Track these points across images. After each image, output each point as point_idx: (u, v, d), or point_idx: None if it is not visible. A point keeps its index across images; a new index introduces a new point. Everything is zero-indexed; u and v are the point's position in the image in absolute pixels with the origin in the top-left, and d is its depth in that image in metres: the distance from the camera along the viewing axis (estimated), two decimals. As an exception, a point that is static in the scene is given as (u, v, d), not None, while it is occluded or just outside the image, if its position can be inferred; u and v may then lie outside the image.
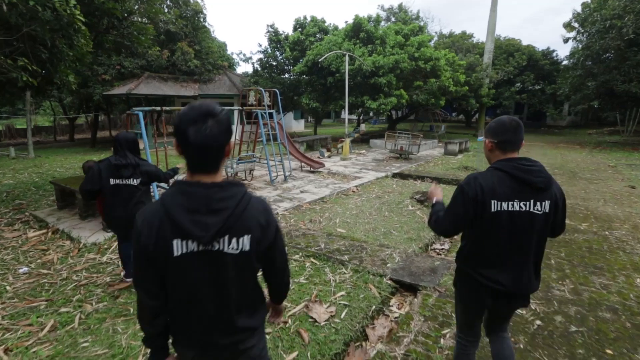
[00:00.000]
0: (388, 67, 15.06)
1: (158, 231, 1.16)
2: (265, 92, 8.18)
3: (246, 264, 1.24)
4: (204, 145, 1.12)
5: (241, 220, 1.19)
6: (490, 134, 1.79)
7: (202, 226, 1.13)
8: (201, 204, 1.14)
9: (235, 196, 1.19)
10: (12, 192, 8.02)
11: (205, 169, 1.18)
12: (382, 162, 12.10)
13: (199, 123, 1.11)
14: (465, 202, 1.73)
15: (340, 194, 7.62)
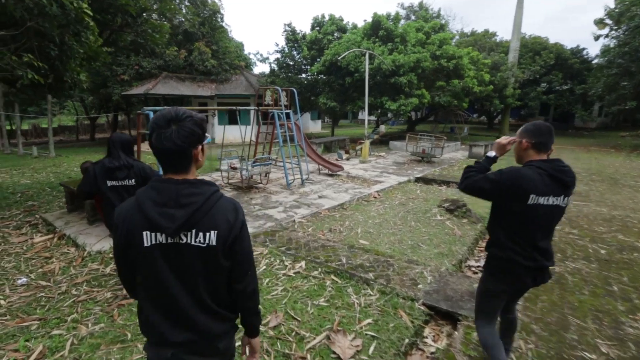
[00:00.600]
0: (409, 66, 14.48)
1: (130, 223, 1.23)
2: (282, 92, 7.80)
3: (213, 259, 1.27)
4: (164, 149, 1.20)
5: (208, 216, 1.24)
6: (527, 135, 2.01)
7: (168, 218, 1.19)
8: (170, 198, 1.21)
9: (204, 193, 1.24)
10: (27, 192, 7.91)
11: (174, 169, 1.26)
12: (403, 165, 11.54)
13: (162, 129, 1.19)
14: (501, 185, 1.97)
15: (360, 200, 7.15)
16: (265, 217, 5.89)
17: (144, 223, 1.22)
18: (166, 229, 1.20)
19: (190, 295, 1.28)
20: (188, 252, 1.25)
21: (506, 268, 2.05)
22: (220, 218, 1.26)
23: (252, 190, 7.60)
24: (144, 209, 1.22)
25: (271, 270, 3.95)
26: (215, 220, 1.24)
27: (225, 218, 1.27)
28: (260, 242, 4.75)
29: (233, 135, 19.59)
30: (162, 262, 1.25)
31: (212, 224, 1.24)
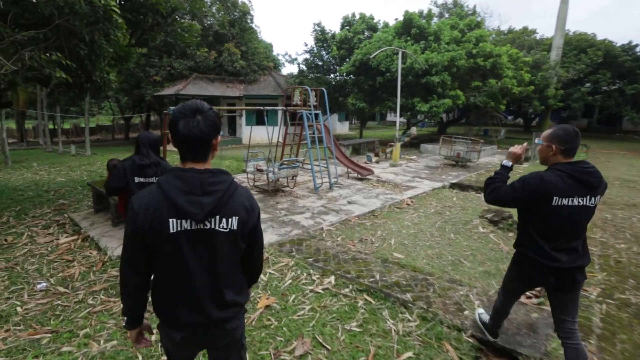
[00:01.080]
0: (442, 65, 13.78)
1: (155, 212, 1.27)
2: (312, 91, 7.48)
3: (234, 242, 1.38)
4: (191, 136, 1.28)
5: (230, 203, 1.34)
6: (558, 141, 2.03)
7: (197, 205, 1.28)
8: (196, 186, 1.29)
9: (225, 182, 1.34)
10: (60, 190, 8.06)
11: (195, 158, 1.33)
12: (437, 169, 10.91)
13: (188, 117, 1.28)
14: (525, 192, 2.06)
15: (392, 207, 6.69)
16: (291, 223, 5.57)
17: (171, 210, 1.27)
18: (195, 215, 1.27)
19: (209, 279, 1.37)
20: (213, 237, 1.33)
21: (530, 266, 2.18)
22: (240, 205, 1.36)
23: (278, 193, 7.33)
24: (171, 197, 1.27)
25: (297, 285, 3.62)
26: (236, 206, 1.35)
27: (244, 205, 1.37)
28: (286, 252, 4.43)
29: (260, 136, 19.56)
30: (187, 248, 1.32)
31: (234, 210, 1.34)
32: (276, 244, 4.69)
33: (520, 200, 2.12)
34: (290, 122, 7.43)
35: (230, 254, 1.39)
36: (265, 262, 4.13)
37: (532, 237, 2.13)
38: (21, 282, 3.68)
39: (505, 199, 2.17)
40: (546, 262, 2.07)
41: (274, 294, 3.45)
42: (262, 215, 5.90)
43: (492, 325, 2.65)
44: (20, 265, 4.08)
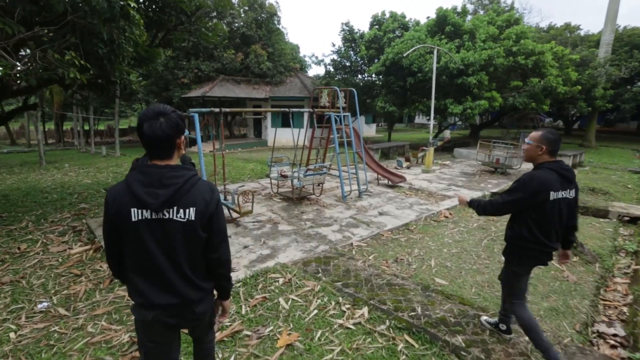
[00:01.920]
0: (479, 65, 12.85)
1: (120, 202, 1.44)
2: (340, 92, 6.94)
3: (192, 232, 1.50)
4: (154, 136, 1.44)
5: (188, 195, 1.48)
6: (547, 142, 2.35)
7: (153, 196, 1.42)
8: (155, 180, 1.44)
9: (184, 176, 1.48)
10: (84, 193, 7.97)
11: (159, 156, 1.49)
12: (474, 176, 10.06)
13: (152, 120, 1.43)
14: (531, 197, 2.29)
15: (429, 220, 6.03)
16: (317, 237, 5.05)
17: (132, 201, 1.44)
18: (151, 205, 1.42)
19: (171, 264, 1.51)
20: (170, 226, 1.47)
21: (531, 255, 2.42)
22: (198, 197, 1.50)
23: (304, 201, 6.84)
24: (132, 189, 1.43)
25: (324, 318, 3.08)
26: (194, 198, 1.49)
27: (202, 197, 1.51)
28: (312, 273, 3.90)
29: (285, 138, 19.26)
30: (147, 235, 1.47)
31: (191, 202, 1.48)
32: (300, 263, 4.18)
33: (524, 201, 2.31)
34: (317, 125, 6.92)
35: (190, 242, 1.51)
36: (288, 284, 3.64)
37: (531, 230, 2.35)
38: (23, 299, 3.37)
39: (506, 206, 2.40)
40: (544, 248, 2.37)
41: (297, 327, 2.94)
42: (286, 226, 5.43)
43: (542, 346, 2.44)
44: (26, 278, 3.79)
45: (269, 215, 5.99)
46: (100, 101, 24.62)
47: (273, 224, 5.55)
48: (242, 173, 10.46)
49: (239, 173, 10.52)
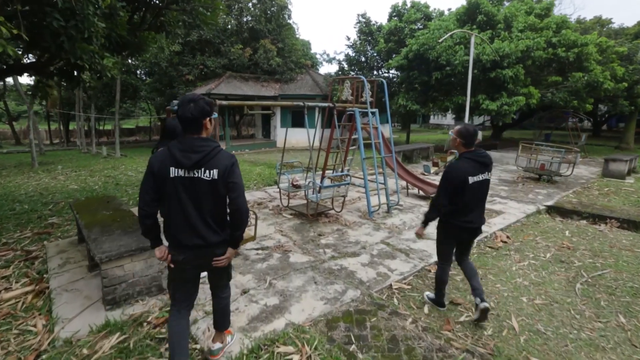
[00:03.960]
0: (515, 57, 11.39)
1: (162, 162, 1.93)
2: (367, 83, 5.60)
3: (215, 188, 1.95)
4: (185, 117, 1.92)
5: (213, 160, 1.94)
6: (461, 136, 2.76)
7: (187, 158, 1.91)
8: (189, 147, 1.93)
9: (210, 146, 1.95)
10: (61, 203, 6.81)
11: (191, 131, 1.96)
12: (516, 185, 8.61)
13: (185, 105, 1.92)
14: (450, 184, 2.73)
15: (483, 246, 4.66)
16: (342, 274, 3.73)
17: (172, 161, 1.92)
18: (185, 165, 1.90)
19: (198, 213, 1.97)
20: (199, 183, 1.94)
21: (453, 229, 2.90)
22: (221, 162, 1.95)
23: (321, 219, 5.52)
24: (172, 153, 1.92)
25: None
26: (217, 162, 1.94)
27: (224, 162, 1.96)
28: (340, 342, 2.59)
29: (296, 139, 17.99)
30: (181, 189, 1.94)
31: (215, 165, 1.94)
32: (323, 322, 2.87)
33: (453, 189, 2.73)
34: (337, 124, 5.59)
35: (212, 196, 1.96)
36: (306, 369, 2.32)
37: (455, 209, 2.80)
38: None
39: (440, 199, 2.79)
40: (465, 225, 2.83)
41: None
42: (299, 257, 4.14)
43: (439, 296, 3.17)
44: None
45: (278, 239, 4.69)
46: (104, 100, 23.73)
47: (283, 253, 4.24)
48: (247, 179, 9.21)
49: (245, 179, 9.27)
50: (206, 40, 18.03)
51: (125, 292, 3.01)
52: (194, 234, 1.96)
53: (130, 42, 6.25)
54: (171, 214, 1.98)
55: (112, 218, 3.74)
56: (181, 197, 1.93)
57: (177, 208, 1.95)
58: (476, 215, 2.83)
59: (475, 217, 2.82)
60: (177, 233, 1.99)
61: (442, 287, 3.11)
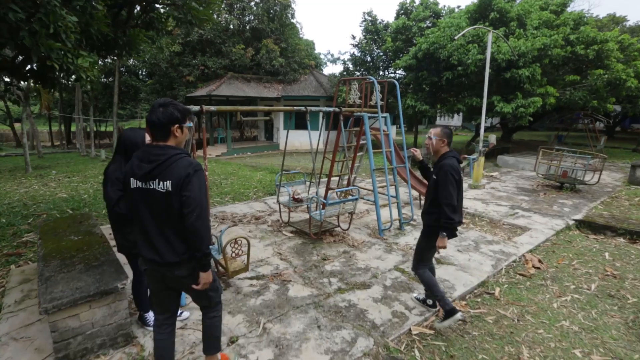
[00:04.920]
0: (532, 55, 10.70)
1: (126, 171, 1.87)
2: (377, 84, 4.98)
3: (169, 201, 1.77)
4: (151, 122, 1.80)
5: (167, 170, 1.76)
6: (447, 136, 2.88)
7: (140, 168, 1.80)
8: (145, 156, 1.81)
9: (167, 154, 1.78)
10: (43, 215, 6.28)
11: (156, 138, 1.83)
12: (537, 194, 7.94)
13: (154, 109, 1.81)
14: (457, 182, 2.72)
15: (513, 273, 4.02)
16: (351, 315, 3.11)
17: (131, 171, 1.83)
18: (137, 175, 1.80)
19: (156, 227, 1.83)
20: (153, 195, 1.79)
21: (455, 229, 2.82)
22: (176, 172, 1.75)
23: (325, 238, 4.90)
24: (132, 162, 1.85)
25: None
26: (172, 173, 1.76)
27: (179, 172, 1.75)
28: None
29: (299, 142, 17.38)
30: (138, 200, 1.84)
31: (169, 176, 1.76)
32: (327, 390, 2.25)
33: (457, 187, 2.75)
34: (344, 129, 4.98)
35: (169, 210, 1.79)
36: None
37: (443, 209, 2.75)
38: None
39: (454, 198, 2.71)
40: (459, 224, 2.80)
41: None
42: (300, 289, 3.54)
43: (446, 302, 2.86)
44: None
45: (276, 265, 4.09)
46: (105, 101, 23.32)
47: (281, 283, 3.64)
48: (247, 186, 8.63)
49: (244, 185, 8.70)
50: (207, 40, 17.52)
51: (82, 346, 2.43)
52: (151, 249, 1.85)
53: (117, 40, 5.71)
54: (135, 225, 1.93)
55: (78, 246, 3.16)
56: (140, 209, 1.84)
57: (138, 219, 1.88)
58: (461, 214, 2.88)
59: (461, 215, 2.88)
60: (139, 245, 1.91)
61: (439, 288, 2.96)
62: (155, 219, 1.81)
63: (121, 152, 2.48)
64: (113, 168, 2.46)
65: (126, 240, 2.57)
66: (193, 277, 1.89)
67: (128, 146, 2.45)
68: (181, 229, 1.80)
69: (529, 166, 11.17)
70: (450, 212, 2.68)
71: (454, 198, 2.68)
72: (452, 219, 2.68)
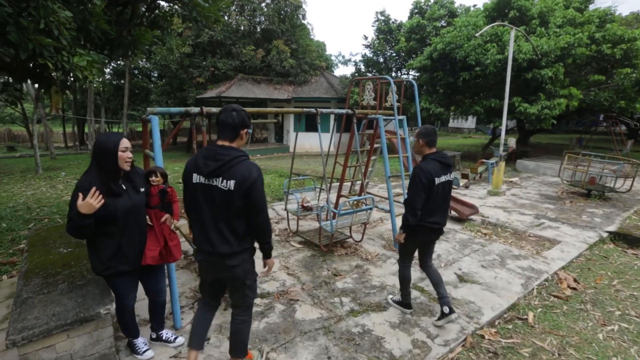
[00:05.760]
0: (555, 55, 10.15)
1: (188, 168, 2.02)
2: (394, 85, 4.61)
3: (231, 199, 1.92)
4: (226, 123, 1.97)
5: (231, 170, 1.91)
6: (422, 136, 2.84)
7: (206, 165, 1.94)
8: (210, 154, 1.95)
9: (231, 155, 1.93)
10: (45, 219, 6.08)
11: (224, 138, 1.99)
12: (562, 202, 7.42)
13: (228, 112, 1.98)
14: (423, 185, 2.70)
15: (546, 294, 3.59)
16: (366, 344, 2.75)
17: (194, 168, 1.99)
18: (203, 172, 1.94)
19: (213, 221, 1.98)
20: (215, 192, 1.94)
21: (421, 230, 2.86)
22: (239, 173, 1.90)
23: (336, 250, 4.55)
24: (197, 159, 1.99)
25: None
26: (235, 173, 1.90)
27: (242, 174, 1.90)
28: None
29: (309, 144, 17.08)
30: (200, 195, 1.98)
31: (233, 176, 1.90)
32: None
33: (425, 192, 2.73)
34: (357, 133, 4.61)
35: (229, 207, 1.93)
36: None
37: (423, 212, 2.77)
38: None
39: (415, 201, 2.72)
40: (432, 226, 2.85)
41: None
42: (308, 310, 3.19)
43: (405, 296, 3.17)
44: None
45: (282, 280, 3.75)
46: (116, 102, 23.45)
47: (288, 303, 3.30)
48: (254, 191, 8.32)
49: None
50: (217, 41, 17.37)
51: (59, 381, 2.12)
52: (206, 240, 2.01)
53: (120, 39, 5.49)
54: (192, 217, 2.08)
55: (65, 260, 2.88)
56: (200, 203, 1.99)
57: (196, 213, 2.03)
58: (440, 215, 2.90)
59: (440, 217, 2.89)
60: (196, 237, 2.07)
61: (408, 285, 3.13)
62: (212, 214, 1.97)
63: (95, 158, 2.16)
64: (84, 178, 2.12)
65: (97, 258, 2.20)
66: (242, 267, 2.07)
67: (97, 152, 2.14)
68: (235, 224, 1.98)
69: (550, 171, 10.61)
70: (407, 212, 2.77)
71: (415, 200, 2.72)
72: (406, 218, 2.78)
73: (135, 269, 2.32)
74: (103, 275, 2.28)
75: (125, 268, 2.25)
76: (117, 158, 2.14)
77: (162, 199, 2.76)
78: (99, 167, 2.12)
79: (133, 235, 2.27)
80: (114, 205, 2.12)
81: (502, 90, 11.03)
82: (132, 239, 2.26)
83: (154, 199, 2.69)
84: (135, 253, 2.30)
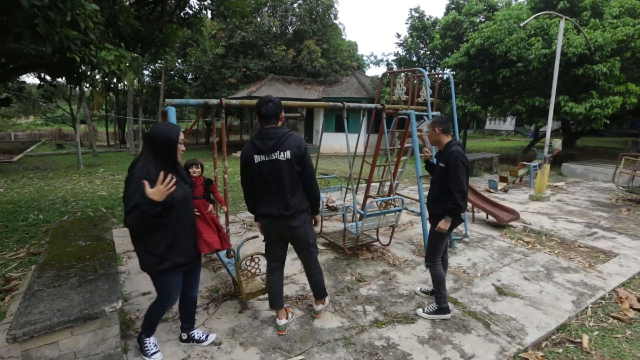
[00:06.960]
0: (611, 48, 9.23)
1: (247, 153, 2.44)
2: (427, 79, 4.27)
3: (290, 166, 2.39)
4: (266, 113, 2.40)
5: (284, 143, 2.38)
6: (438, 125, 2.85)
7: (265, 144, 2.38)
8: (265, 136, 2.39)
9: (280, 132, 2.40)
10: (78, 213, 6.28)
11: (269, 123, 2.43)
12: (618, 210, 6.66)
13: (265, 104, 2.40)
14: (466, 168, 2.74)
15: (602, 314, 3.12)
16: (390, 359, 2.46)
17: (254, 150, 2.41)
18: (264, 151, 2.37)
19: (278, 189, 2.43)
20: (277, 163, 2.38)
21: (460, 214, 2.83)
22: (292, 145, 2.39)
23: (361, 253, 4.27)
24: (254, 142, 2.42)
25: None
26: (288, 145, 2.38)
27: (294, 144, 2.40)
28: None
29: (339, 145, 16.85)
30: (264, 171, 2.41)
31: (287, 147, 2.38)
32: None
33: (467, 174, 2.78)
34: (386, 130, 4.32)
35: (289, 174, 2.41)
36: None
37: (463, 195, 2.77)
38: None
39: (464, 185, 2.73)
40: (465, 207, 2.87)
41: None
42: (329, 318, 2.91)
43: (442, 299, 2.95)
44: None
45: (302, 284, 3.54)
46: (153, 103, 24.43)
47: (306, 309, 3.07)
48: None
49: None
50: (249, 42, 17.59)
51: (62, 380, 2.03)
52: (272, 206, 2.46)
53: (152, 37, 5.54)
54: (257, 191, 2.50)
55: (81, 254, 2.83)
56: (265, 178, 2.41)
57: (262, 186, 2.45)
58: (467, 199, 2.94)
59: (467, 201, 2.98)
60: (262, 205, 2.51)
61: (444, 285, 2.98)
62: (277, 183, 2.41)
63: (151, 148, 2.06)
64: (140, 166, 2.01)
65: (150, 253, 2.09)
66: (303, 228, 2.55)
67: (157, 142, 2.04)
68: (295, 187, 2.46)
69: (602, 176, 9.66)
70: (459, 199, 2.70)
71: (464, 185, 2.71)
72: (459, 205, 2.71)
73: (188, 261, 2.26)
74: (155, 271, 2.15)
75: (182, 260, 2.19)
76: (177, 148, 2.08)
77: (206, 189, 3.03)
78: (155, 156, 2.03)
79: (186, 226, 2.20)
80: (171, 195, 2.01)
81: (546, 88, 10.21)
82: (186, 230, 2.20)
83: (198, 189, 2.95)
84: (190, 244, 2.26)
